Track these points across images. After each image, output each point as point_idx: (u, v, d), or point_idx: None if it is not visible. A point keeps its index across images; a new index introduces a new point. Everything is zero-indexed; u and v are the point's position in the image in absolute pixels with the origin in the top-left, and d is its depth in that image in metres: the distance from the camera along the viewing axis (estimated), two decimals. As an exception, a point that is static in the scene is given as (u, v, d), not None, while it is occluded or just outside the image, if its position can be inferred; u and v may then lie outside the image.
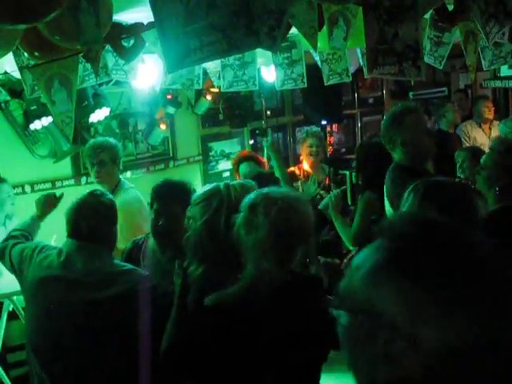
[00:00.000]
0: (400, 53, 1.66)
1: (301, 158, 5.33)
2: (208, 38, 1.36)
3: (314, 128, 5.64)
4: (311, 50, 4.10)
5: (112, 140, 4.11)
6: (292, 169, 5.29)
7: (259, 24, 1.43)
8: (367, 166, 4.11)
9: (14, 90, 4.11)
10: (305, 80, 4.02)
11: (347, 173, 4.70)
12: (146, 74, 3.91)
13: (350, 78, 4.26)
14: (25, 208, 4.00)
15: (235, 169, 4.89)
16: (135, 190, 3.96)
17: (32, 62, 2.82)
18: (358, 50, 4.17)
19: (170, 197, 2.65)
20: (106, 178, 3.95)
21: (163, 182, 2.76)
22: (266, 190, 1.99)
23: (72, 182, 5.07)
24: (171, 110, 5.47)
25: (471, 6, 2.17)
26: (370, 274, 0.86)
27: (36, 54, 2.59)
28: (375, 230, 0.92)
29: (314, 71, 4.27)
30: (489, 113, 6.45)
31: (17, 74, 3.27)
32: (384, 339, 0.82)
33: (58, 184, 4.96)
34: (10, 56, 2.91)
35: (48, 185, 4.91)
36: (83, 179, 5.07)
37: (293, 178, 5.01)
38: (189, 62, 1.36)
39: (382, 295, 0.83)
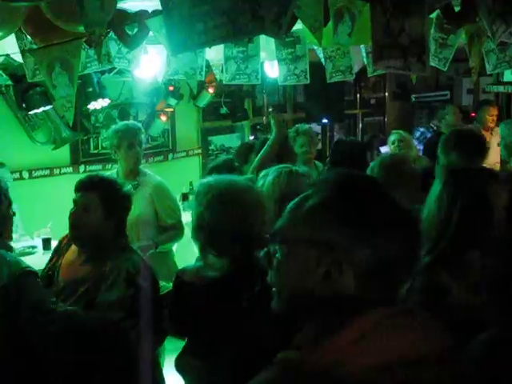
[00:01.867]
0: (405, 47, 1.65)
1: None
2: (213, 22, 1.35)
3: (305, 126, 5.51)
4: (315, 47, 4.10)
5: None
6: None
7: (265, 10, 1.42)
8: (342, 164, 4.11)
9: (16, 74, 4.09)
10: (308, 76, 4.00)
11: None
12: (149, 64, 3.89)
13: (353, 76, 4.25)
14: (22, 194, 3.98)
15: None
16: None
17: (34, 46, 2.79)
18: (363, 49, 4.16)
19: (88, 186, 2.56)
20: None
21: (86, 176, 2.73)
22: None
23: (70, 169, 5.05)
24: (173, 101, 5.45)
25: (479, 3, 2.16)
26: (311, 212, 1.08)
27: (38, 36, 2.57)
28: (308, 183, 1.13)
29: (317, 69, 4.26)
30: (492, 121, 6.44)
31: (18, 58, 3.24)
32: (325, 261, 1.04)
33: (56, 171, 4.94)
34: (11, 39, 2.89)
35: (46, 171, 4.88)
36: (81, 167, 5.05)
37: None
38: (192, 44, 1.35)
39: (323, 226, 1.05)
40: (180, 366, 2.15)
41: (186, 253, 3.96)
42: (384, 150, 7.41)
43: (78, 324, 1.92)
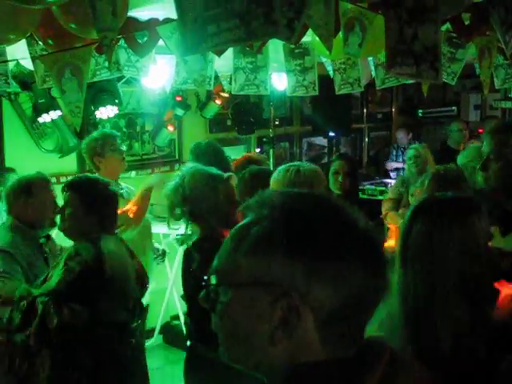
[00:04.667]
0: (418, 54, 1.64)
1: None
2: (226, 24, 1.35)
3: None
4: (324, 59, 4.11)
5: None
6: None
7: (279, 14, 1.42)
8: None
9: (25, 81, 4.11)
10: (316, 88, 4.01)
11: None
12: (158, 73, 3.90)
13: (362, 89, 4.25)
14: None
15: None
16: None
17: (45, 53, 2.81)
18: (371, 62, 4.17)
19: (70, 186, 2.84)
20: None
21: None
22: None
23: (76, 178, 5.05)
24: (180, 112, 5.47)
25: (491, 14, 2.16)
26: (254, 246, 0.91)
27: (50, 42, 2.58)
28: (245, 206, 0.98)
29: (325, 83, 4.26)
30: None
31: (28, 65, 3.26)
32: (281, 307, 0.88)
33: (63, 179, 4.90)
34: (22, 46, 2.91)
35: (53, 179, 4.80)
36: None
37: None
38: (205, 46, 1.35)
39: (270, 263, 0.89)
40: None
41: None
42: (389, 164, 7.41)
43: None
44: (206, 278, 0.97)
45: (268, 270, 0.89)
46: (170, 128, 5.60)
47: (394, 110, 8.25)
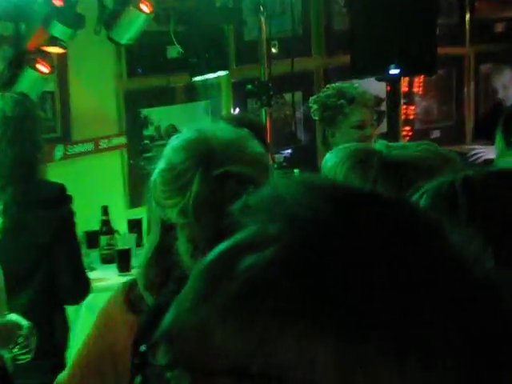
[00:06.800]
0: None
1: None
2: None
3: (359, 88, 5.46)
4: None
5: None
6: None
7: None
8: None
9: None
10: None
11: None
12: None
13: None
14: None
15: None
16: None
17: None
18: None
19: None
20: None
21: None
22: None
23: None
24: (62, 32, 5.42)
25: None
26: (244, 300, 0.88)
27: None
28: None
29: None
30: None
31: None
32: None
33: None
34: None
35: None
36: None
37: None
38: None
39: (276, 343, 0.86)
40: None
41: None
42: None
43: None
44: (144, 348, 0.99)
45: (263, 351, 0.86)
46: (43, 68, 5.51)
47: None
